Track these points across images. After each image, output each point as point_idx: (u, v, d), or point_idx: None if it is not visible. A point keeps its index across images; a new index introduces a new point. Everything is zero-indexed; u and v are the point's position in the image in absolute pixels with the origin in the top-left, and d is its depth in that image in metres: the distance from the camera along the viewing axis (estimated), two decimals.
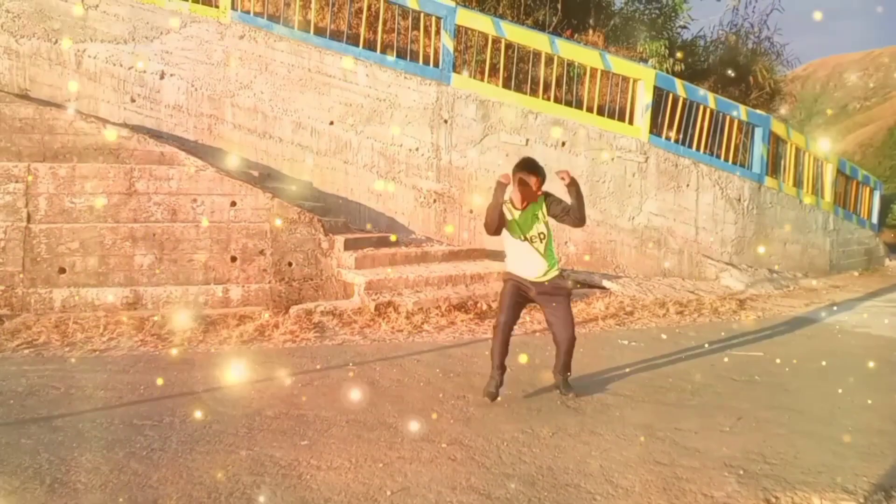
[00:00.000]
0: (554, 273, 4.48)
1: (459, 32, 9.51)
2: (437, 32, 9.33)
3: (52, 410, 4.00)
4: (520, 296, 4.48)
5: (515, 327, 4.62)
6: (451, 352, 5.69)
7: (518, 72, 9.89)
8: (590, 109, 9.88)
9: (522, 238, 4.43)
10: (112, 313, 6.36)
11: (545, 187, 4.48)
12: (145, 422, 3.84)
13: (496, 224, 4.38)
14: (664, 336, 6.76)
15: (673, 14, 14.29)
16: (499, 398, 4.38)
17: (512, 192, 4.46)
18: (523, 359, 5.08)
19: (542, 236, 4.43)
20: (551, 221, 4.51)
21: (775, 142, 11.54)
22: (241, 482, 3.10)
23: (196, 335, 5.93)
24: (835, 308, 8.96)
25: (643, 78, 10.05)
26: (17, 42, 8.54)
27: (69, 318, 6.11)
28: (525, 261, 4.46)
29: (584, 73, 10.01)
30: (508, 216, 4.43)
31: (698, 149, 10.52)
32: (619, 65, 10.06)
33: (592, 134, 9.80)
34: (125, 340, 5.75)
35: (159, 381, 4.64)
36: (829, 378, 5.36)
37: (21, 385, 4.47)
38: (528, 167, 4.41)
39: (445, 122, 9.28)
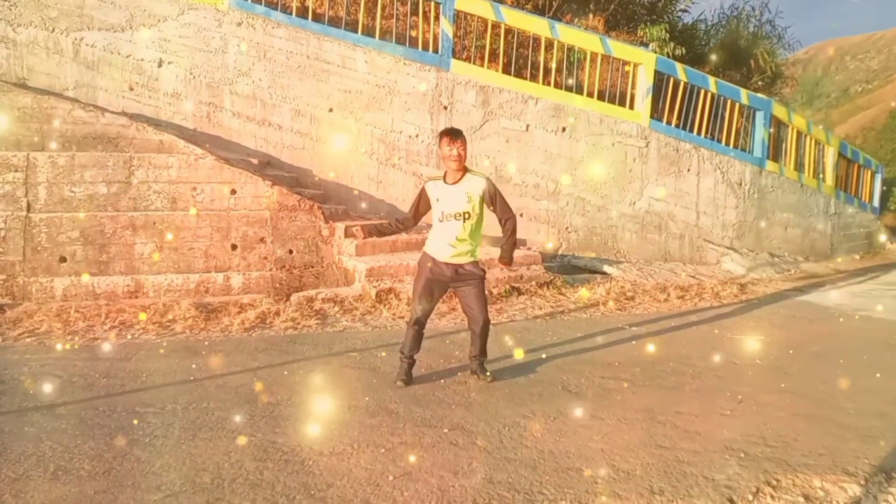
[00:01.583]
0: (472, 258, 4.39)
1: (459, 17, 9.44)
2: (437, 18, 9.27)
3: (55, 399, 4.01)
4: (434, 284, 4.41)
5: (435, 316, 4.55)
6: (452, 337, 5.69)
7: (518, 57, 9.83)
8: (590, 94, 9.83)
9: (441, 217, 4.33)
10: (113, 301, 6.37)
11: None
12: (148, 409, 3.85)
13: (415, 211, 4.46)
14: (665, 321, 6.76)
15: None
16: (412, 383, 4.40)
17: (445, 166, 4.37)
18: (523, 345, 5.09)
19: (465, 215, 4.29)
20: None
21: (776, 125, 11.49)
22: (245, 468, 3.11)
23: (197, 323, 5.94)
24: (835, 292, 8.96)
25: (644, 62, 9.99)
26: (15, 31, 8.49)
27: (70, 307, 6.12)
28: (446, 237, 4.34)
29: (585, 58, 9.95)
30: (435, 194, 4.36)
31: (699, 133, 10.47)
32: (620, 49, 10.00)
33: (593, 119, 9.75)
34: (126, 329, 5.76)
35: (161, 369, 4.65)
36: (829, 361, 5.37)
37: (23, 373, 4.48)
38: (453, 132, 4.30)
39: (445, 108, 9.24)
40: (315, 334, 5.82)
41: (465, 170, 4.35)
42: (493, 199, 4.36)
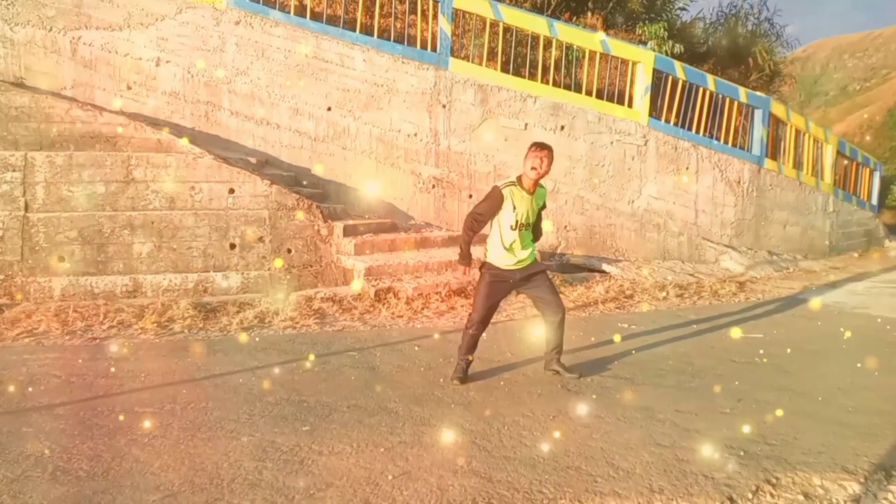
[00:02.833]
0: (533, 258, 4.48)
1: (457, 16, 9.43)
2: (435, 16, 9.25)
3: (53, 399, 4.01)
4: (499, 292, 4.46)
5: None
6: (452, 336, 5.67)
7: (516, 56, 9.81)
8: (589, 93, 9.82)
9: (514, 226, 4.31)
10: (111, 301, 6.36)
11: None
12: (146, 409, 3.84)
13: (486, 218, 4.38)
14: (664, 319, 6.76)
15: None
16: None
17: (525, 173, 4.30)
18: (522, 345, 5.09)
19: (529, 225, 4.40)
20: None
21: (775, 124, 11.50)
22: (244, 468, 3.11)
23: (196, 322, 5.93)
24: (834, 289, 8.97)
25: (642, 60, 9.99)
26: (12, 30, 8.46)
27: (69, 307, 6.11)
28: (516, 246, 4.35)
29: (583, 57, 9.95)
30: (510, 202, 4.28)
31: (698, 131, 10.47)
32: (618, 47, 9.99)
33: (591, 118, 9.75)
34: (125, 328, 5.75)
35: (159, 369, 4.64)
36: (828, 359, 5.37)
37: (22, 374, 4.47)
38: (543, 145, 4.31)
39: (444, 106, 9.23)
40: (314, 333, 5.81)
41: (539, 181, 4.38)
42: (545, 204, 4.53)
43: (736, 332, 6.20)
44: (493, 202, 4.29)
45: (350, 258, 7.27)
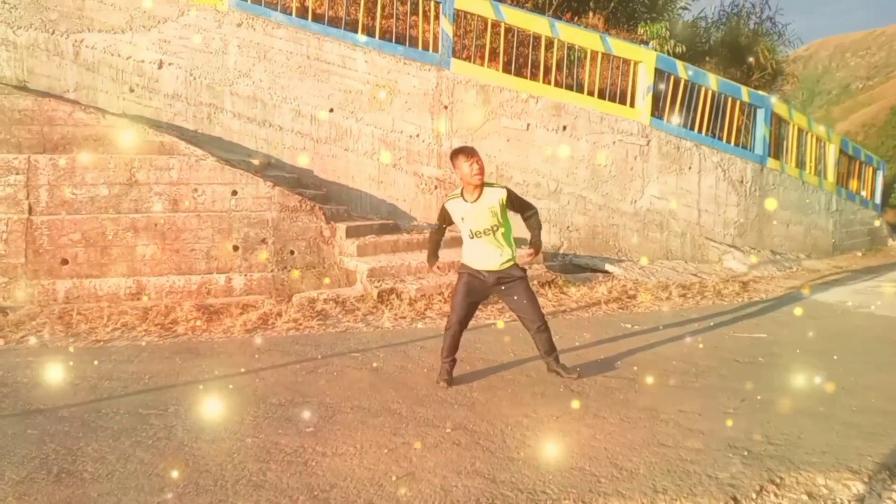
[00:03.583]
0: (510, 263, 4.40)
1: (458, 17, 9.44)
2: (436, 17, 9.26)
3: (58, 401, 4.01)
4: (475, 292, 4.44)
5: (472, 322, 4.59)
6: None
7: (518, 56, 9.82)
8: (591, 93, 9.82)
9: (471, 235, 4.34)
10: (115, 303, 6.38)
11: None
12: (150, 411, 3.85)
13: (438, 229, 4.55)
14: (667, 319, 6.75)
15: None
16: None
17: (463, 183, 4.32)
18: (525, 345, 5.08)
19: (494, 228, 4.31)
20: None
21: (777, 123, 11.49)
22: (247, 469, 3.11)
23: (199, 324, 5.94)
24: (838, 289, 8.95)
25: (644, 60, 9.99)
26: (15, 33, 8.49)
27: (73, 309, 6.13)
28: (480, 252, 4.37)
29: (585, 57, 9.95)
30: (458, 215, 4.33)
31: (700, 131, 10.47)
32: (620, 47, 9.99)
33: (594, 118, 9.75)
34: (129, 331, 5.76)
35: (163, 371, 4.65)
36: (832, 358, 5.36)
37: (26, 376, 4.49)
38: (469, 150, 4.30)
39: (445, 107, 9.24)
40: (317, 335, 5.82)
41: (483, 185, 4.29)
42: (513, 203, 4.38)
43: (739, 332, 6.20)
44: (441, 215, 4.53)
45: (353, 259, 7.28)
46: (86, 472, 3.06)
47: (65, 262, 6.54)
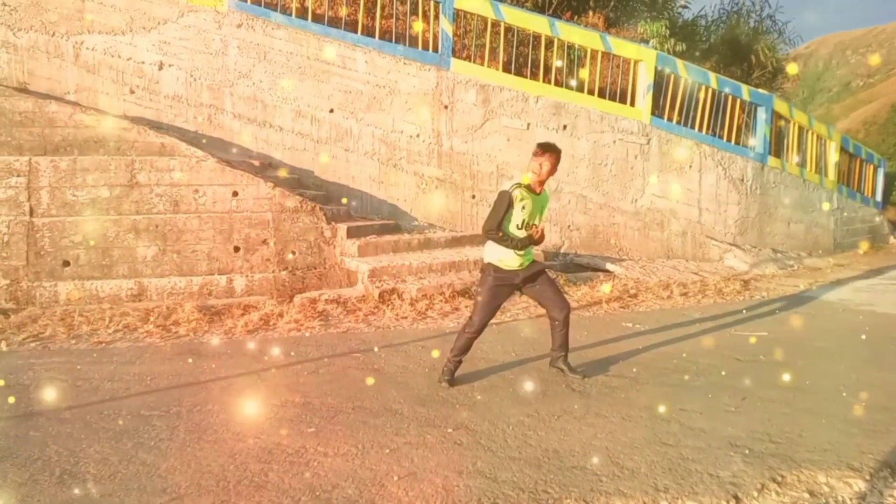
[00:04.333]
0: (532, 258, 4.52)
1: (458, 16, 9.44)
2: (436, 17, 9.26)
3: (60, 403, 4.02)
4: (502, 295, 4.48)
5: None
6: (454, 337, 5.68)
7: (518, 55, 9.82)
8: (591, 92, 9.82)
9: (521, 225, 4.35)
10: (117, 305, 6.39)
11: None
12: (153, 412, 3.86)
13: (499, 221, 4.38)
14: (668, 318, 6.75)
15: None
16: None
17: (532, 175, 4.35)
18: (526, 345, 5.09)
19: (532, 226, 4.40)
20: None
21: (778, 121, 11.47)
22: (250, 470, 3.12)
23: (201, 325, 5.95)
24: (839, 286, 8.95)
25: (644, 59, 9.98)
26: (15, 35, 8.50)
27: (74, 311, 6.14)
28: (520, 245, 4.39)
29: (585, 56, 9.94)
30: (520, 202, 4.30)
31: (701, 129, 10.46)
32: (620, 46, 9.99)
33: (594, 117, 9.74)
34: (131, 332, 5.77)
35: (165, 372, 4.66)
36: (833, 356, 5.36)
37: (28, 378, 4.50)
38: (550, 147, 4.37)
39: (446, 107, 9.24)
40: (318, 335, 5.82)
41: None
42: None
43: (740, 330, 6.20)
44: (504, 201, 4.29)
45: (354, 260, 7.28)
46: (88, 474, 3.07)
47: (66, 263, 6.55)
